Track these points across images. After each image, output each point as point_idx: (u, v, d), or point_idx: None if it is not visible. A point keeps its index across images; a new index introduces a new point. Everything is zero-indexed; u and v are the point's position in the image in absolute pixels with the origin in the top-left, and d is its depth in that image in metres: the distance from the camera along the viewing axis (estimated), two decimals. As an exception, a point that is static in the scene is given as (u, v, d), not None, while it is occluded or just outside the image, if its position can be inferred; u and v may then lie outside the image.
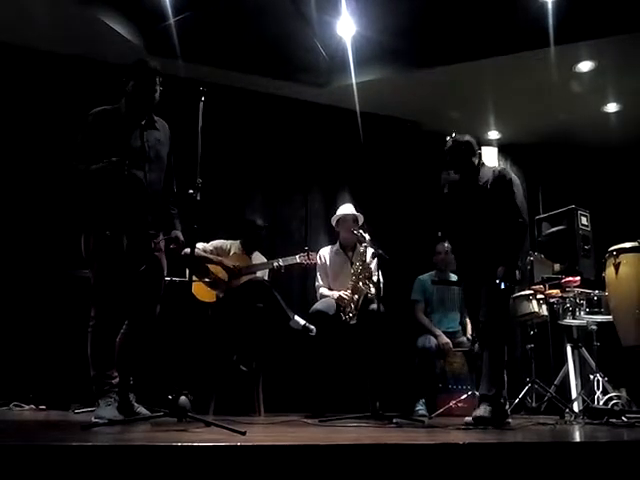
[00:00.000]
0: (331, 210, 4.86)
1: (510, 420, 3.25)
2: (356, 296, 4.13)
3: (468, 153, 3.41)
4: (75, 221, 2.92)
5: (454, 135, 3.50)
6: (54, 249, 4.34)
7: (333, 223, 4.53)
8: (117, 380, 2.79)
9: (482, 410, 3.02)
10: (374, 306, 4.07)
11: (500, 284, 3.15)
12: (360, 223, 4.38)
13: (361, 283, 4.13)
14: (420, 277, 4.78)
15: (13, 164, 4.52)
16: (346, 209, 4.48)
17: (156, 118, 3.02)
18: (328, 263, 4.42)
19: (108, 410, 2.64)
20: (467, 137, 3.46)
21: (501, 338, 3.20)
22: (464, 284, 3.57)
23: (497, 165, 3.43)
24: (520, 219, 3.29)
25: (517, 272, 3.27)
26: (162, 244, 3.00)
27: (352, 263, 4.29)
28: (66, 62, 4.82)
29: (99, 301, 2.79)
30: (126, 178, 2.75)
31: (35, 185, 4.51)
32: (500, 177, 3.36)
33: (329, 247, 4.56)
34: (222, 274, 4.14)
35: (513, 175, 3.42)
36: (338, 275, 4.37)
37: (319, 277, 4.42)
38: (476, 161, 3.43)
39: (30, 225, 4.43)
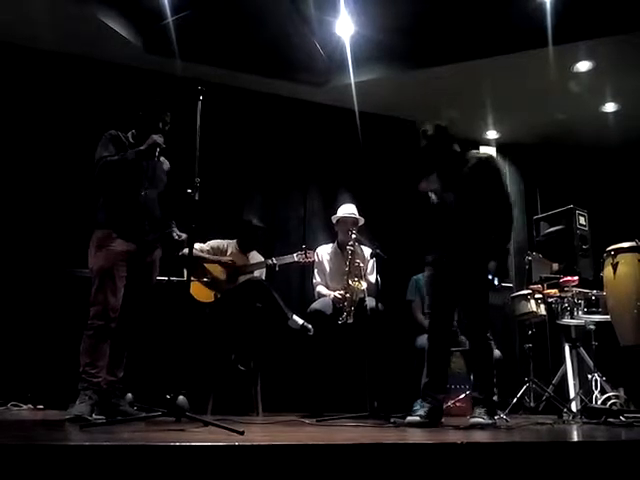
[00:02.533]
0: (330, 209, 4.85)
1: (503, 416, 3.22)
2: (348, 295, 4.13)
3: (452, 139, 3.16)
4: (86, 222, 3.04)
5: (426, 122, 3.17)
6: (53, 248, 4.34)
7: (334, 222, 4.52)
8: (99, 380, 2.83)
9: (477, 413, 3.01)
10: (370, 304, 4.07)
11: (493, 280, 3.02)
12: (360, 225, 4.36)
13: (351, 281, 4.13)
14: (414, 277, 4.74)
15: (12, 163, 4.51)
16: (347, 210, 4.46)
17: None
18: (325, 262, 4.43)
19: (80, 407, 2.70)
20: (441, 122, 3.16)
21: (487, 335, 3.16)
22: (435, 269, 3.20)
23: (484, 152, 3.22)
24: (508, 211, 3.12)
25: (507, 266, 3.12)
26: (158, 254, 3.13)
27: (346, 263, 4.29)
28: (64, 61, 4.81)
29: (99, 302, 2.85)
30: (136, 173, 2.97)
31: (34, 184, 4.51)
32: (485, 163, 3.13)
33: (327, 245, 4.56)
34: (220, 274, 4.14)
35: (499, 165, 3.16)
36: (335, 274, 4.36)
37: (316, 275, 4.43)
38: (457, 148, 3.20)
39: (30, 224, 4.43)
